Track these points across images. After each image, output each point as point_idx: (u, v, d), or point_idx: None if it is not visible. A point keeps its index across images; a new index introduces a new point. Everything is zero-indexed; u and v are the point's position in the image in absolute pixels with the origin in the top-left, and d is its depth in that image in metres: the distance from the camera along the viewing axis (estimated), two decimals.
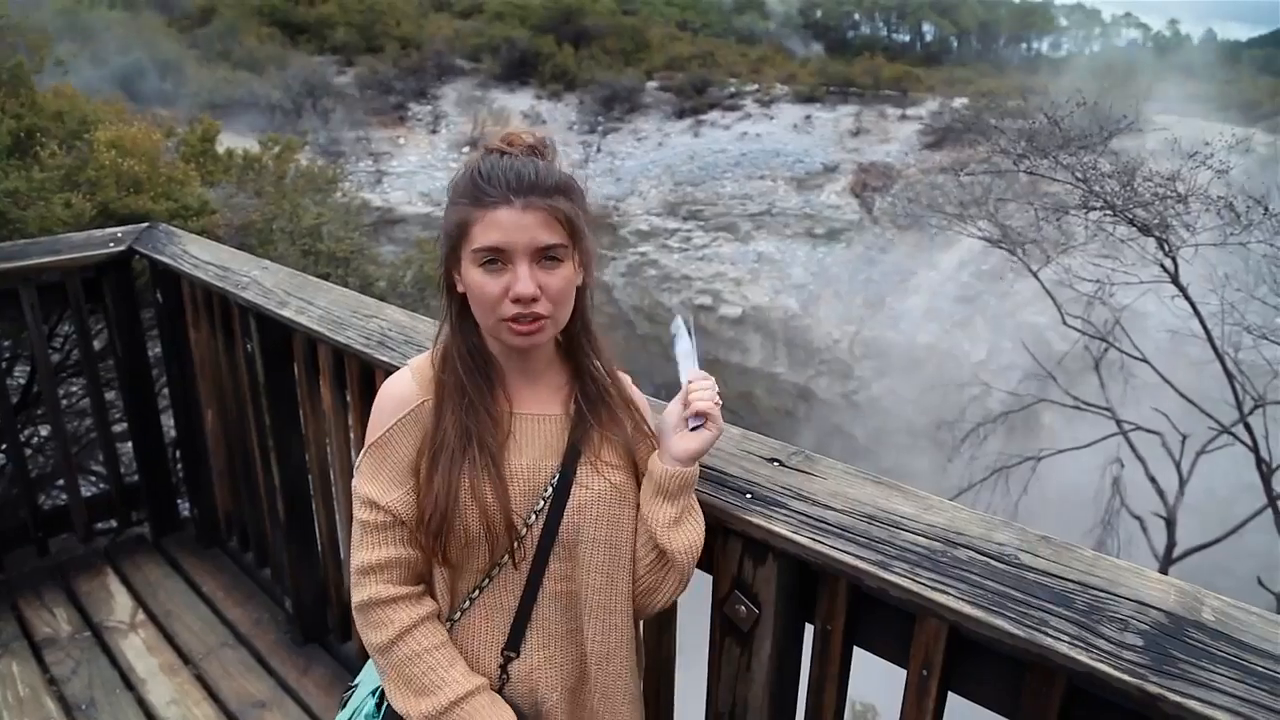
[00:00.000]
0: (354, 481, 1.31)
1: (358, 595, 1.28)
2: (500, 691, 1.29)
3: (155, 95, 17.82)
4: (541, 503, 1.26)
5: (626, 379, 1.41)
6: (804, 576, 1.37)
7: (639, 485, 1.33)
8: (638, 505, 1.33)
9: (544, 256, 1.20)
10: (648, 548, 1.33)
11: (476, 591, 1.28)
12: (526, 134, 1.26)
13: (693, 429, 1.28)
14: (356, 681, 1.48)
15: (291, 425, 2.67)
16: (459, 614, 1.29)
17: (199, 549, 3.40)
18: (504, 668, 1.29)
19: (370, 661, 1.47)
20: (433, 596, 1.30)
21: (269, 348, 2.58)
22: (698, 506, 1.35)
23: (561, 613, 1.30)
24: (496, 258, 1.19)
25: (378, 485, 1.27)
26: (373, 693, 1.38)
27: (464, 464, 1.22)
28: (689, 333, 1.37)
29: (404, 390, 1.30)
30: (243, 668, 2.77)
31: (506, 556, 1.26)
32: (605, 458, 1.31)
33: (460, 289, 1.27)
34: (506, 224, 1.18)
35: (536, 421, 1.30)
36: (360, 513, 1.28)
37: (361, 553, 1.28)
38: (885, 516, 1.27)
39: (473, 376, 1.27)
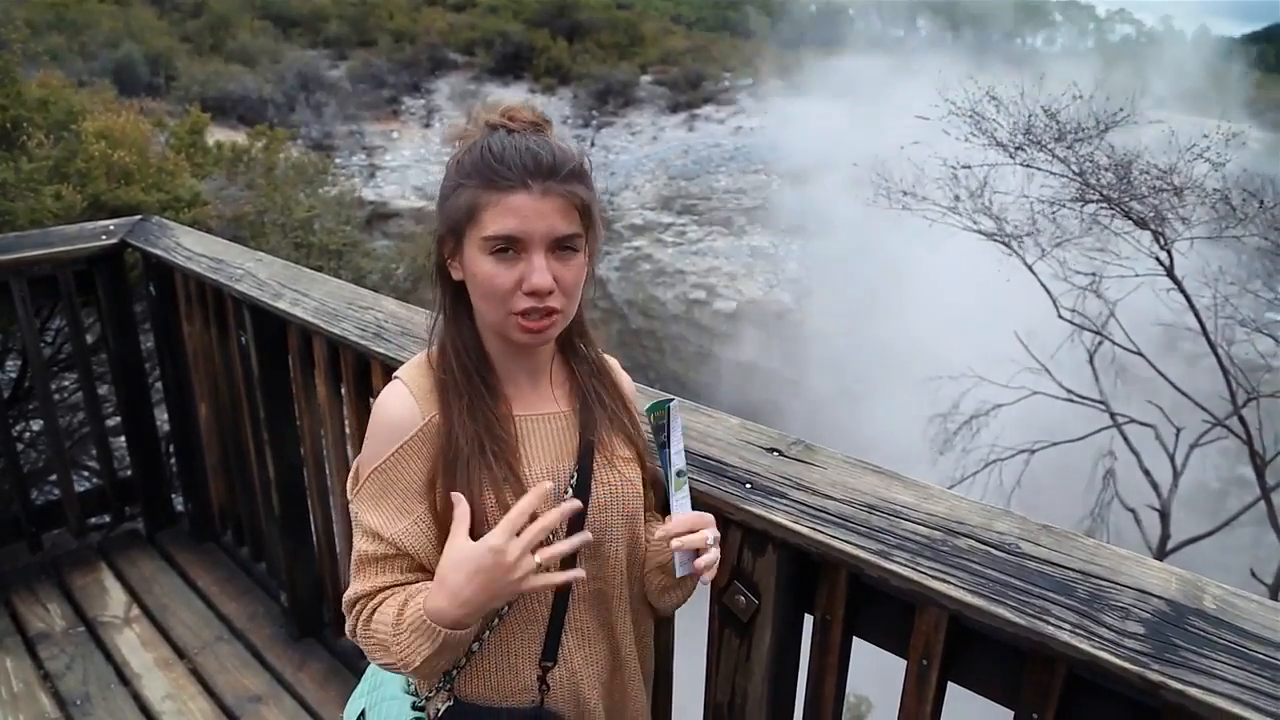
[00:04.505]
0: (353, 506, 1.21)
1: (351, 623, 1.20)
2: (542, 703, 1.23)
3: (146, 88, 17.71)
4: None
5: (614, 363, 1.38)
6: (804, 567, 1.36)
7: (643, 467, 1.31)
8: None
9: (560, 246, 1.12)
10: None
11: (506, 607, 1.20)
12: (527, 110, 1.17)
13: (681, 574, 1.24)
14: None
15: (286, 418, 2.66)
16: (488, 631, 1.21)
17: (193, 543, 3.38)
18: (543, 679, 1.23)
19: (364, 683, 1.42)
20: None
21: (263, 340, 2.57)
22: None
23: (593, 611, 1.27)
24: (509, 246, 1.10)
25: (381, 514, 1.17)
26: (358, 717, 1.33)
27: (482, 474, 1.15)
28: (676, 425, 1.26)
29: (403, 410, 1.19)
30: (238, 662, 2.76)
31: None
32: (618, 451, 1.27)
33: (457, 276, 1.19)
34: (524, 210, 1.09)
35: (544, 421, 1.24)
36: (361, 543, 1.19)
37: (358, 583, 1.19)
38: (885, 506, 1.27)
39: (469, 375, 1.19)
